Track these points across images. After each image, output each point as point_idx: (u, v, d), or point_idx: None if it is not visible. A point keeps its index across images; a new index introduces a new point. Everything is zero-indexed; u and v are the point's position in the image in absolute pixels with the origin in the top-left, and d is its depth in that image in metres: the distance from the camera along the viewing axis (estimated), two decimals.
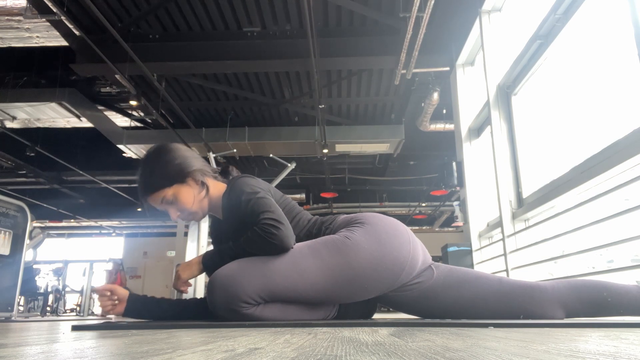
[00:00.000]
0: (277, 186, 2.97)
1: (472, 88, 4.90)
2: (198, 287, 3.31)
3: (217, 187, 1.60)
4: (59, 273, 11.45)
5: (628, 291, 1.43)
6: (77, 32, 5.31)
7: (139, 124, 8.38)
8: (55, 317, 7.08)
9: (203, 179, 1.56)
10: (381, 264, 1.39)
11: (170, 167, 1.52)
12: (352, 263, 1.37)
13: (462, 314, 1.49)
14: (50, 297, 10.55)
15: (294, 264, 1.37)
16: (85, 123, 7.69)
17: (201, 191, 1.56)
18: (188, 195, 1.53)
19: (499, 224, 3.74)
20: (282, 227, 1.38)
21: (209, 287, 1.37)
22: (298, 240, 1.50)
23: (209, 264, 1.46)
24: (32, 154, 8.59)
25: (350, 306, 1.54)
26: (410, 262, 1.44)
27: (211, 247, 3.61)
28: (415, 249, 1.47)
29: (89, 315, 10.20)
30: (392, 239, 1.42)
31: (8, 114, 7.35)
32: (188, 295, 4.09)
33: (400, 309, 1.57)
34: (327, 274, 1.37)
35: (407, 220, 13.36)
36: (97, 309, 13.23)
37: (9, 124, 7.73)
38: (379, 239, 1.41)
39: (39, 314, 9.41)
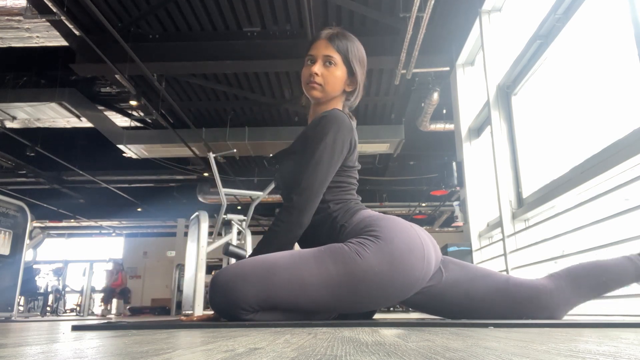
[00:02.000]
0: None
1: (472, 88, 4.90)
2: (198, 287, 3.30)
3: (333, 105, 1.64)
4: (59, 273, 11.45)
5: (619, 264, 1.50)
6: (77, 32, 5.31)
7: (139, 124, 8.38)
8: (55, 317, 7.08)
9: (349, 90, 1.65)
10: (390, 286, 1.33)
11: (361, 63, 1.68)
12: (360, 284, 1.32)
13: (469, 314, 1.50)
14: (50, 297, 10.56)
15: (298, 277, 1.31)
16: (85, 123, 7.69)
17: (341, 94, 1.65)
18: (340, 79, 1.62)
19: (499, 224, 3.74)
20: (301, 212, 1.41)
21: (210, 288, 1.36)
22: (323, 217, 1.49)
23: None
24: (32, 154, 8.59)
25: None
26: (422, 279, 1.39)
27: (211, 248, 3.59)
28: (429, 263, 1.39)
29: (89, 315, 10.20)
30: (406, 259, 1.33)
31: (8, 114, 7.35)
32: (189, 295, 4.08)
33: (405, 305, 1.57)
34: (331, 291, 1.32)
35: (407, 220, 13.35)
36: (97, 309, 13.25)
37: (9, 124, 7.73)
38: (392, 259, 1.32)
39: (39, 314, 9.41)
